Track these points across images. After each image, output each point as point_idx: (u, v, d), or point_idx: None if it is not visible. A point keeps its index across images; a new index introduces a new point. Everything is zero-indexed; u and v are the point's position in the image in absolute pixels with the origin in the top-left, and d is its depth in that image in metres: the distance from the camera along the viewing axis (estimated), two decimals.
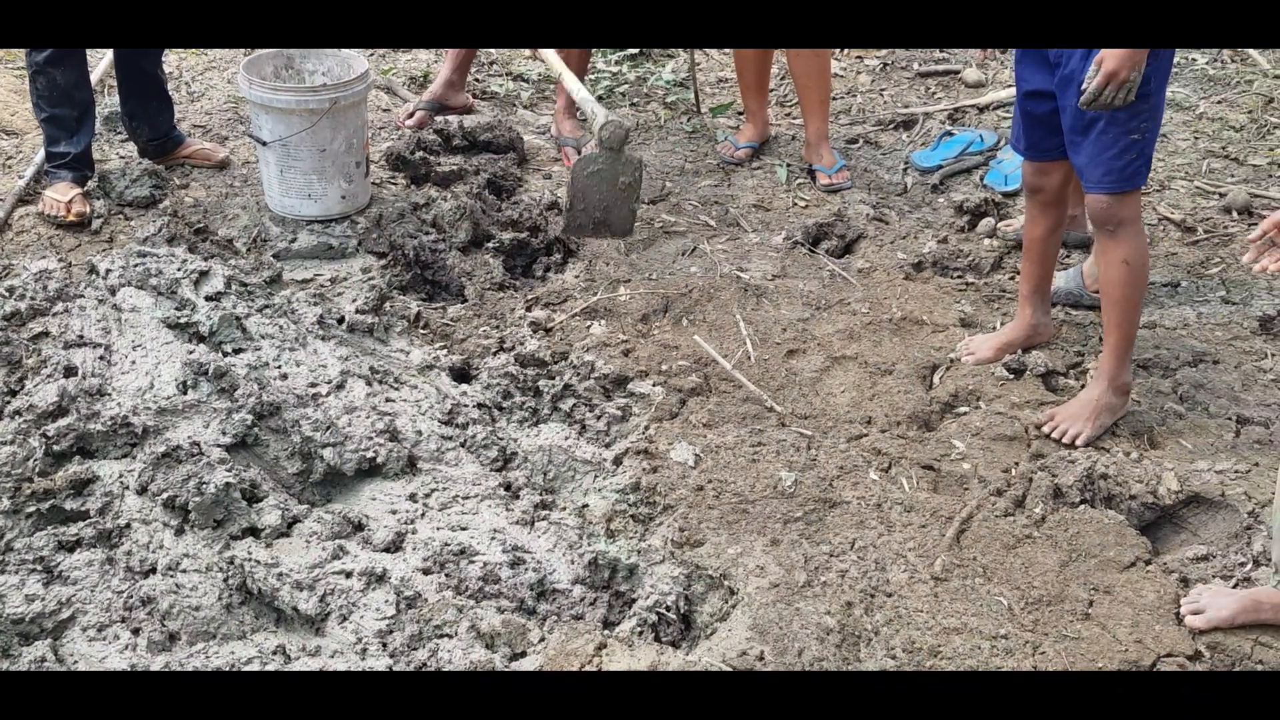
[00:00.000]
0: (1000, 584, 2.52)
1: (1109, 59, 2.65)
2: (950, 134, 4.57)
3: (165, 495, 2.58)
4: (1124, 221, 2.88)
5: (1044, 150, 3.04)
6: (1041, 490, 2.76)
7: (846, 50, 5.35)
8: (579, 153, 4.24)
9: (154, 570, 2.48)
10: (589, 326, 3.45)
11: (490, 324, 3.47)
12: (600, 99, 4.96)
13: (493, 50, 5.33)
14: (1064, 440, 2.97)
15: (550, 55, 3.82)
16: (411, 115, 4.53)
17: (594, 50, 5.24)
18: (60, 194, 3.75)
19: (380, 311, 3.43)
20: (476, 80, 5.05)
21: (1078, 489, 2.77)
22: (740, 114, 4.77)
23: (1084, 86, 2.71)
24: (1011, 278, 3.76)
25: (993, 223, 4.00)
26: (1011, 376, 3.20)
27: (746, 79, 4.39)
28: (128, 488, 2.64)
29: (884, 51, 5.34)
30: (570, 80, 3.74)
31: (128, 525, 2.57)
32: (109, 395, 2.86)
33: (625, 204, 3.60)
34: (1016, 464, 2.89)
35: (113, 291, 3.22)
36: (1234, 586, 2.51)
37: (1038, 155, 3.07)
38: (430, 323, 3.46)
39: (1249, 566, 2.57)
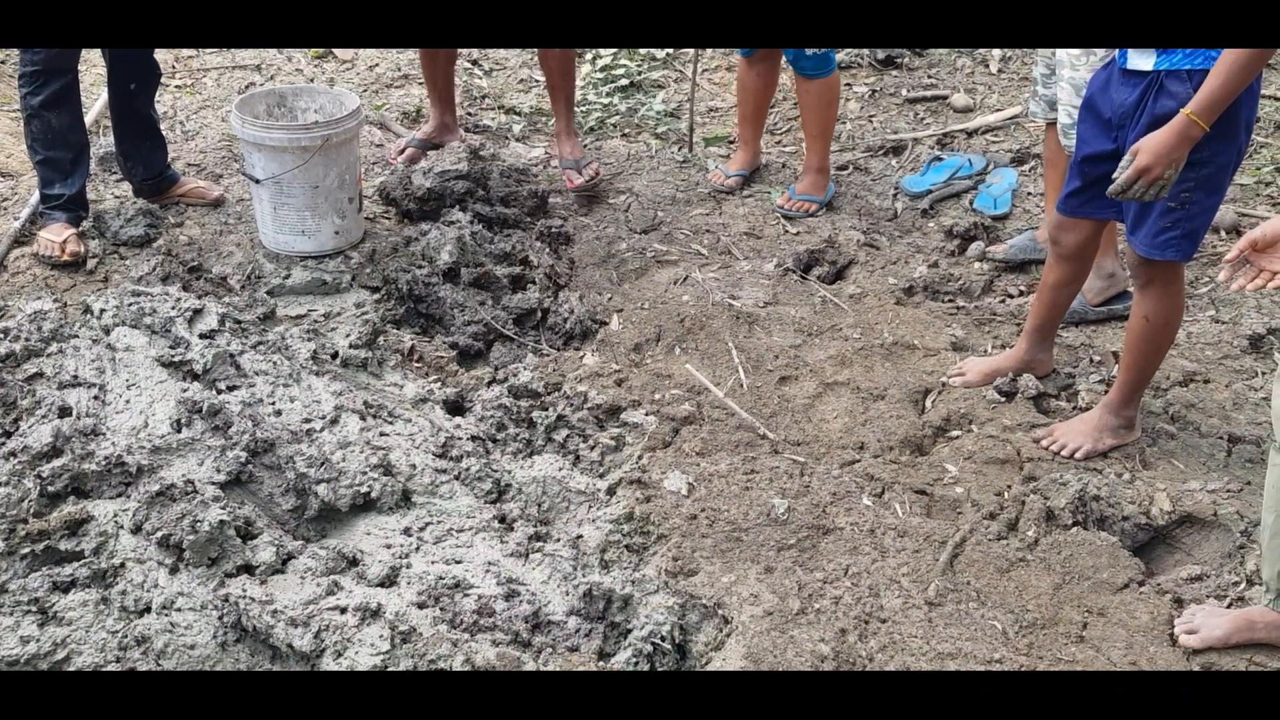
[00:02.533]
0: (994, 608, 2.52)
1: (1144, 153, 2.57)
2: (939, 159, 4.61)
3: (160, 534, 2.59)
4: (1153, 282, 2.82)
5: (1074, 207, 2.98)
6: (1034, 513, 2.77)
7: None
8: (580, 174, 4.28)
9: (149, 609, 2.49)
10: (582, 356, 3.47)
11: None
12: (592, 130, 5.01)
13: (484, 84, 5.38)
14: (1062, 453, 2.98)
15: None
16: (403, 151, 4.57)
17: (580, 82, 5.30)
18: (55, 234, 3.78)
19: (374, 346, 3.45)
20: (469, 115, 5.09)
21: (1070, 511, 2.78)
22: (731, 143, 4.80)
23: (1115, 175, 2.64)
24: (1002, 301, 3.78)
25: (982, 246, 4.02)
26: (1003, 399, 3.21)
27: (745, 107, 4.43)
28: (122, 527, 2.65)
29: (873, 78, 5.38)
30: None
31: (122, 565, 2.58)
32: (103, 435, 2.88)
33: None
34: (1009, 487, 2.90)
35: (107, 331, 3.24)
36: (1228, 606, 2.51)
37: (1067, 210, 3.01)
38: (424, 356, 3.48)
39: (1242, 586, 2.57)
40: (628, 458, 3.05)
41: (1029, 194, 4.37)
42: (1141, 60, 2.69)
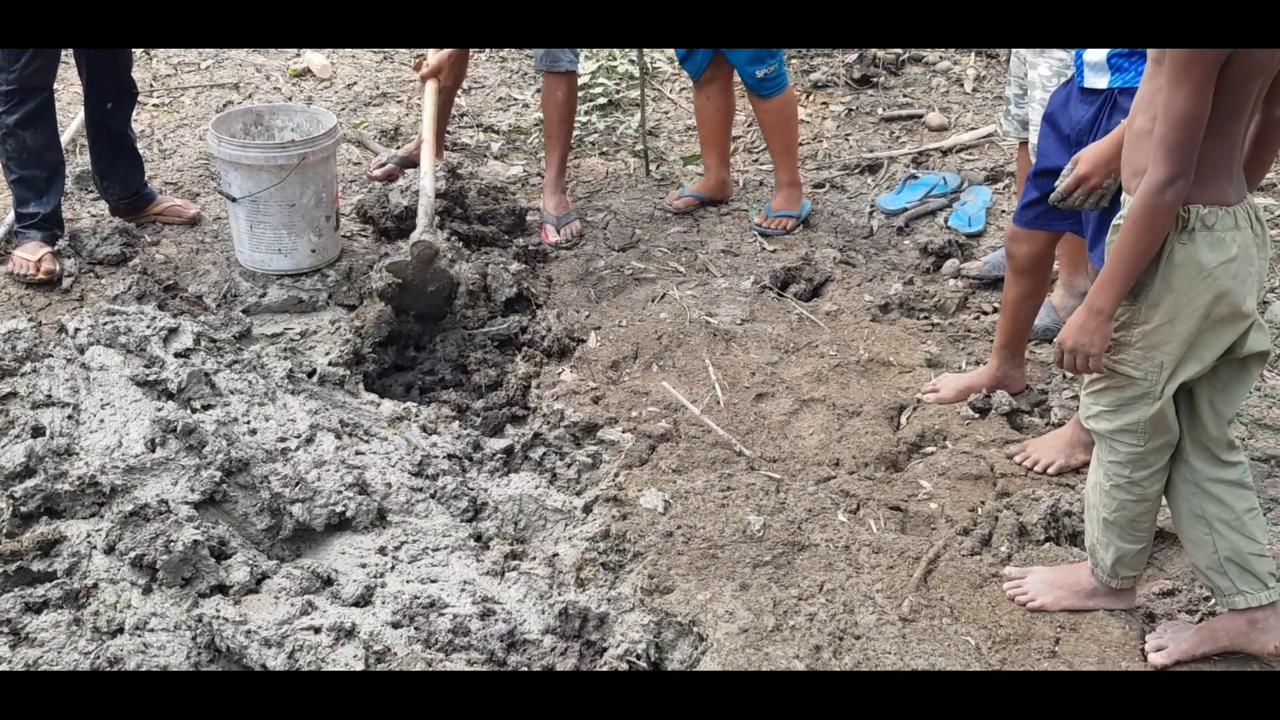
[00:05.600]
0: (967, 624, 2.53)
1: (1083, 162, 2.63)
2: (915, 177, 4.64)
3: (133, 554, 2.58)
4: None
5: (1030, 218, 3.03)
6: (1007, 528, 2.79)
7: (811, 96, 5.43)
8: (558, 232, 4.23)
9: (121, 630, 2.47)
10: (559, 374, 3.48)
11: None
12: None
13: (463, 102, 5.39)
14: (1035, 469, 3.00)
15: (427, 114, 3.87)
16: (382, 166, 4.57)
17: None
18: (29, 253, 3.77)
19: (352, 364, 3.44)
20: (448, 133, 5.10)
21: (1043, 526, 2.79)
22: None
23: (1056, 183, 2.70)
24: (976, 318, 3.81)
25: (957, 264, 4.05)
26: (977, 415, 3.23)
27: (703, 132, 4.43)
28: (95, 547, 2.64)
29: (849, 97, 5.43)
30: (427, 158, 3.80)
31: (95, 585, 2.57)
32: (77, 455, 2.87)
33: (435, 302, 3.69)
34: (983, 502, 2.92)
35: (81, 350, 3.23)
36: (1199, 620, 2.53)
37: (1023, 221, 3.06)
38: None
39: (1213, 600, 2.59)
40: (604, 475, 3.05)
41: (1003, 212, 4.41)
42: (1097, 79, 2.75)
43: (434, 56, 4.01)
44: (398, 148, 4.77)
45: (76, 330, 3.31)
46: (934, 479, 3.01)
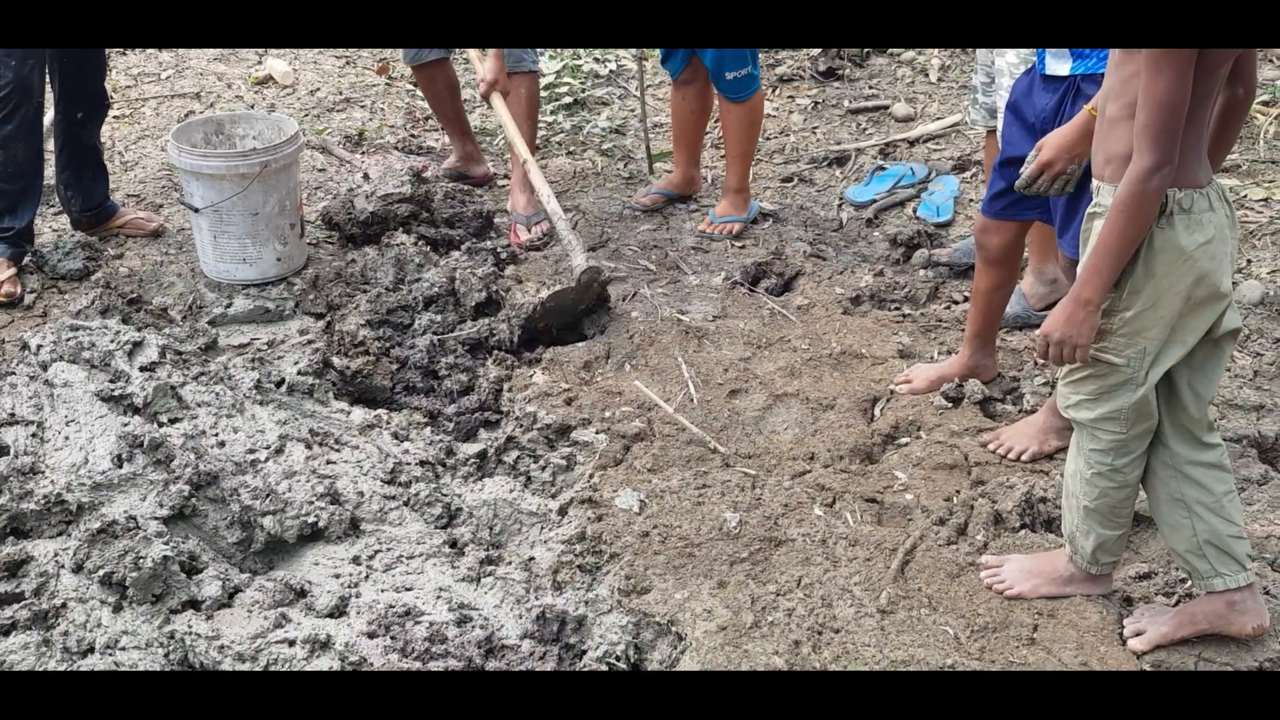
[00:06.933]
0: (946, 613, 2.53)
1: (1047, 149, 2.64)
2: (882, 168, 4.65)
3: (102, 572, 2.54)
4: None
5: (999, 209, 3.04)
6: (983, 517, 2.79)
7: (778, 91, 5.43)
8: (529, 230, 4.19)
9: (92, 649, 2.44)
10: (531, 376, 3.45)
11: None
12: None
13: (426, 106, 5.35)
14: (1008, 456, 3.00)
15: (514, 135, 3.91)
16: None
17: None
18: None
19: (321, 374, 3.41)
20: (412, 136, 5.07)
21: (1018, 514, 2.80)
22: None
23: (1020, 170, 2.71)
24: (947, 307, 3.81)
25: (926, 254, 4.06)
26: (950, 405, 3.23)
27: (676, 130, 4.41)
28: (63, 566, 2.60)
29: (815, 90, 5.43)
30: (540, 180, 3.83)
31: (64, 605, 2.53)
32: (42, 473, 2.82)
33: (573, 313, 3.72)
34: (958, 492, 2.92)
35: (44, 367, 3.18)
36: (1175, 603, 2.54)
37: (991, 212, 3.06)
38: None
39: (1189, 583, 2.59)
40: (579, 477, 3.03)
41: (971, 201, 4.42)
42: (1059, 65, 2.75)
43: (484, 69, 3.99)
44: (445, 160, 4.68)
45: (39, 346, 3.26)
46: (909, 470, 3.01)
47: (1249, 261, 3.89)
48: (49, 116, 4.04)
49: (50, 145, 4.09)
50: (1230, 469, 2.40)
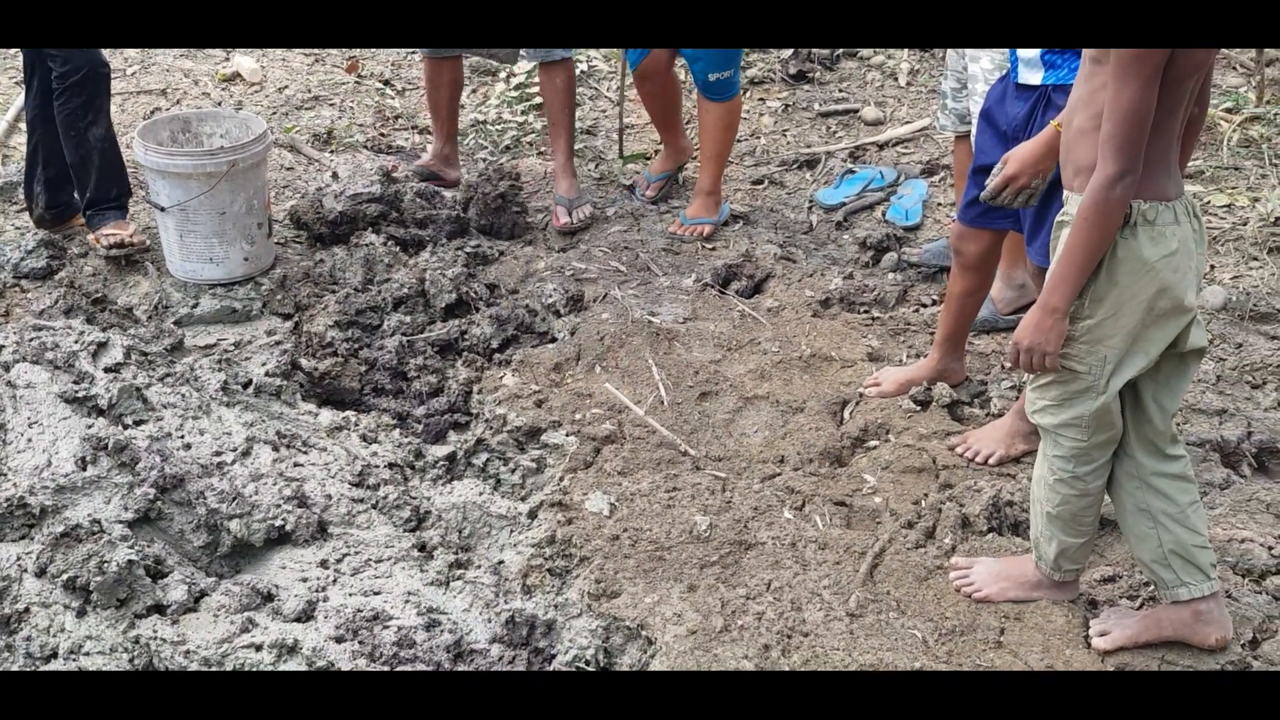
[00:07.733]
0: (914, 616, 2.54)
1: (1012, 162, 2.66)
2: (852, 171, 4.67)
3: (65, 576, 2.51)
4: None
5: (973, 217, 3.05)
6: (950, 520, 2.80)
7: (749, 93, 5.44)
8: (569, 215, 4.22)
9: (55, 655, 2.41)
10: (501, 378, 3.44)
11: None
12: (507, 149, 4.99)
13: (397, 104, 5.32)
14: (976, 460, 3.03)
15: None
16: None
17: (493, 100, 5.27)
18: None
19: (289, 375, 3.38)
20: (382, 135, 5.04)
21: (985, 517, 2.82)
22: (648, 160, 4.81)
23: (986, 181, 2.73)
24: (916, 310, 3.84)
25: (895, 257, 4.08)
26: (918, 408, 3.25)
27: (652, 115, 4.45)
28: (26, 570, 2.56)
29: (785, 93, 5.44)
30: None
31: (26, 610, 2.49)
32: (4, 475, 2.79)
33: None
34: (926, 495, 2.94)
35: (6, 368, 3.13)
36: (1139, 606, 2.57)
37: (967, 220, 3.08)
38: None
39: (1153, 586, 2.62)
40: (549, 480, 3.03)
41: (939, 204, 4.45)
42: (1031, 75, 2.77)
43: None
44: (420, 158, 4.65)
45: (1, 347, 3.21)
46: (878, 473, 3.03)
47: (1212, 267, 3.94)
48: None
49: (23, 140, 4.04)
50: (1194, 479, 2.43)
